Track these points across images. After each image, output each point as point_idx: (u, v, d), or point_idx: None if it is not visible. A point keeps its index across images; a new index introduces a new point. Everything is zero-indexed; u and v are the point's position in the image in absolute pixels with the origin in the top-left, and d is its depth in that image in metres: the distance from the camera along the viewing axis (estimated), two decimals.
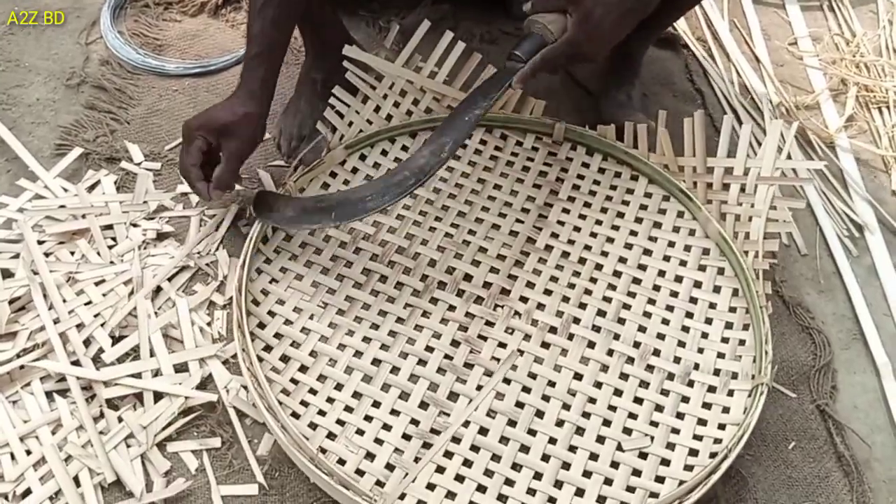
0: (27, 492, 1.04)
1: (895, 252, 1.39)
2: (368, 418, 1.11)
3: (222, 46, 1.57)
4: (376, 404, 1.12)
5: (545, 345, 1.19)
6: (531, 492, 1.06)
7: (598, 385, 1.16)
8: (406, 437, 1.10)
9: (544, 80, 1.28)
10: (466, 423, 1.11)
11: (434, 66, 1.42)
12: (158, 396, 1.11)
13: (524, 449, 1.10)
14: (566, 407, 1.14)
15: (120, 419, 1.09)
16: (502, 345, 1.19)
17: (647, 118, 1.42)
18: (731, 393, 1.16)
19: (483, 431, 1.11)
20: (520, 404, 1.14)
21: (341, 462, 1.07)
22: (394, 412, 1.12)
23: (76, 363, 1.13)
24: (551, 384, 1.15)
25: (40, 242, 1.24)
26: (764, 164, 1.29)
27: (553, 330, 1.21)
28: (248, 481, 1.07)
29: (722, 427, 1.13)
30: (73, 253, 1.24)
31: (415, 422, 1.11)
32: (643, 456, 1.10)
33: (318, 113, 1.39)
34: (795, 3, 1.80)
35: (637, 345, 1.20)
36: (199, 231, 1.29)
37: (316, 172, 1.35)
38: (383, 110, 1.41)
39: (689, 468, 1.09)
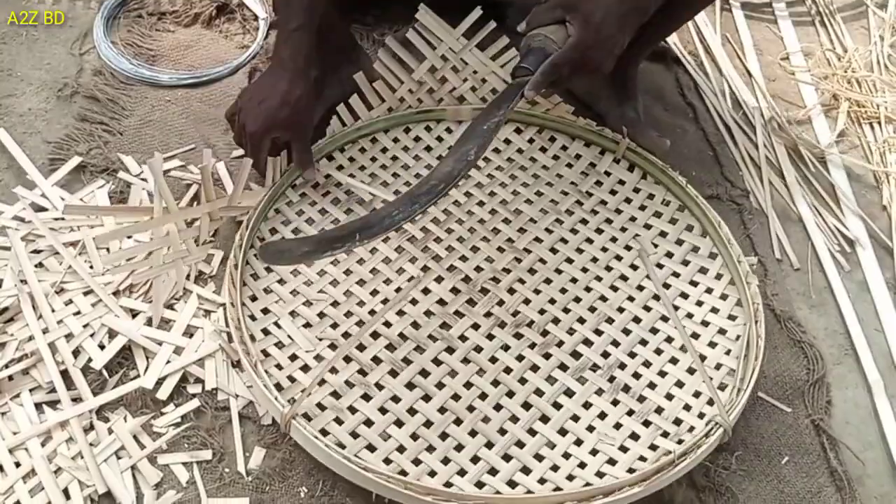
0: None
1: (886, 267, 1.40)
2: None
3: (216, 57, 1.57)
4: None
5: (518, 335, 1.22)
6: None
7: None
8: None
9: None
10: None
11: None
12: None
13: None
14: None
15: (110, 430, 1.09)
16: (476, 326, 1.22)
17: (657, 132, 1.43)
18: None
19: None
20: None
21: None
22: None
23: (65, 373, 1.12)
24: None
25: (36, 252, 1.23)
26: None
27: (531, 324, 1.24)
28: (238, 494, 1.07)
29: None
30: (62, 264, 1.23)
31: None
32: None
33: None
34: (787, 18, 1.81)
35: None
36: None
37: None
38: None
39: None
